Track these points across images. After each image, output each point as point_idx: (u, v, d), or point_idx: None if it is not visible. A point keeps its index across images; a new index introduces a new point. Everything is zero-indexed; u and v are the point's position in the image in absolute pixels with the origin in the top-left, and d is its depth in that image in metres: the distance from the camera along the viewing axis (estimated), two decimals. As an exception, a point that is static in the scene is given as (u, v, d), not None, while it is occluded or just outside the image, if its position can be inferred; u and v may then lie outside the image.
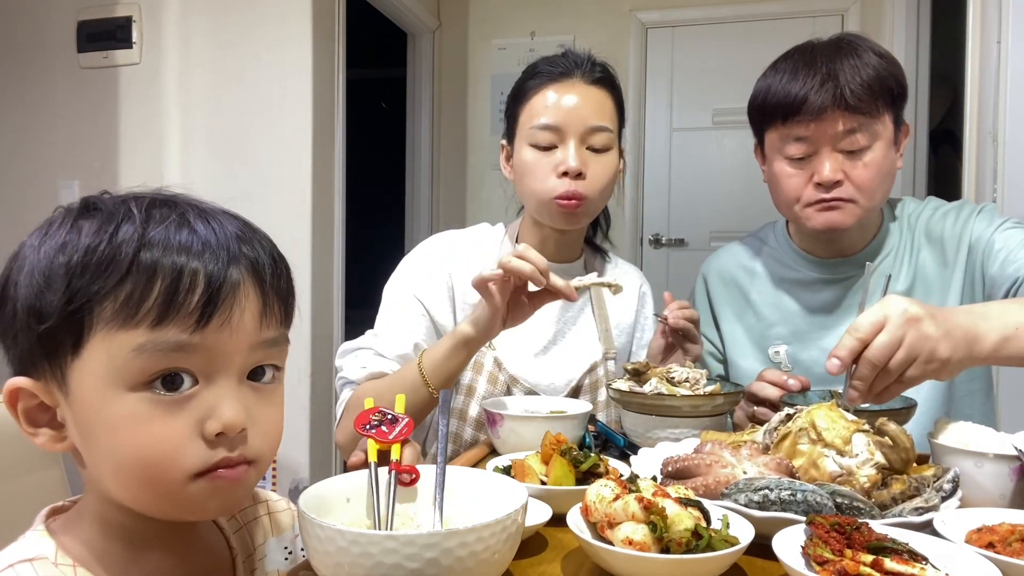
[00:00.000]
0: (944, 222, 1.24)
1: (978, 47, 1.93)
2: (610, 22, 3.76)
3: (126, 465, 0.52)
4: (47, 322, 0.50)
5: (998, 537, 0.66)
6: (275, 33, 2.68)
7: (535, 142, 1.22)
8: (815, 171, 1.16)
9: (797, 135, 1.16)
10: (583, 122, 1.21)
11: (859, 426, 0.81)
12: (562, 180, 1.20)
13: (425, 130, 3.92)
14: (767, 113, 1.20)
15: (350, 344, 1.24)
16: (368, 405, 0.76)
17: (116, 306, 0.50)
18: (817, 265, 1.29)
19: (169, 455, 0.51)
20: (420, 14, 3.69)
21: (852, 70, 1.12)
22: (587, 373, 1.29)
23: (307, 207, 2.67)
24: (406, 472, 0.68)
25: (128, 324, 0.50)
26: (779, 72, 1.18)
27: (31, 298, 0.51)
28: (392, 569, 0.54)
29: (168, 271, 0.50)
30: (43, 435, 0.54)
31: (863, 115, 1.12)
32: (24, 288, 0.52)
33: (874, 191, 1.16)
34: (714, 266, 1.42)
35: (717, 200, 3.70)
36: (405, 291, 1.26)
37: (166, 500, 0.53)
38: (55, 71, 2.86)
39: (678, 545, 0.62)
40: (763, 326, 1.33)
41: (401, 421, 0.71)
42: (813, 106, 1.12)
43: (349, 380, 1.19)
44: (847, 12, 3.54)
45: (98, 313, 0.50)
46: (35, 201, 2.85)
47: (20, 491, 1.02)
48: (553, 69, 1.24)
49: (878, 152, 1.15)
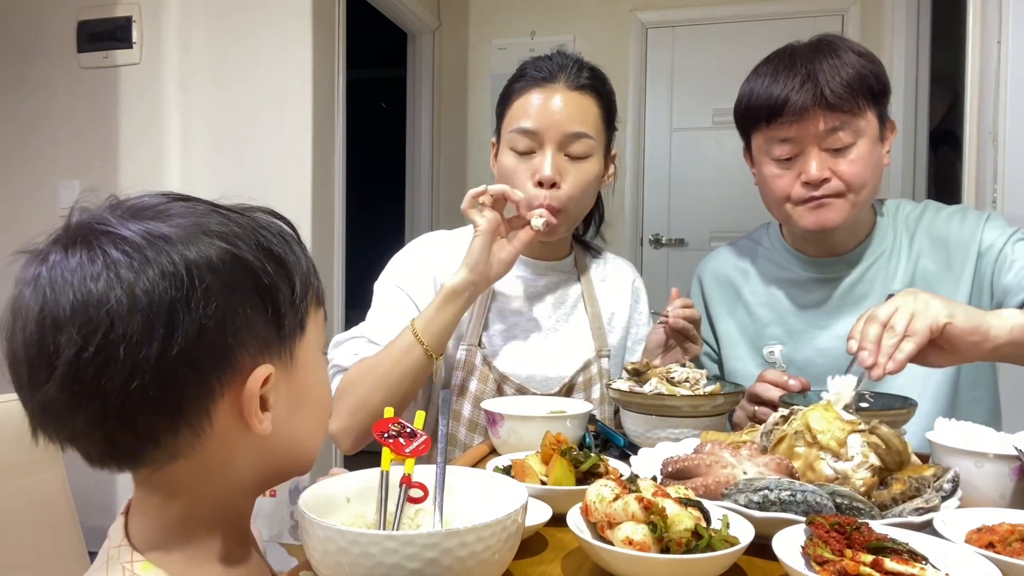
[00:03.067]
0: (949, 225, 1.25)
1: (978, 47, 1.93)
2: (610, 22, 3.76)
3: (328, 409, 0.67)
4: (283, 310, 0.57)
5: (998, 537, 0.66)
6: (275, 33, 2.68)
7: (514, 146, 1.22)
8: (802, 170, 1.17)
9: (782, 136, 1.17)
10: (561, 128, 1.20)
11: (855, 427, 0.81)
12: (537, 191, 1.20)
13: (425, 130, 3.92)
14: (751, 116, 1.21)
15: (342, 336, 1.25)
16: (388, 412, 0.75)
17: (315, 290, 0.62)
18: (809, 264, 1.30)
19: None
20: (420, 14, 3.69)
21: (831, 69, 1.13)
22: (580, 370, 1.29)
23: (307, 207, 2.67)
24: (416, 488, 0.69)
25: (320, 305, 0.64)
26: (760, 76, 1.20)
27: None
28: (392, 569, 0.54)
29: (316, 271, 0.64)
30: (267, 419, 0.56)
31: (845, 113, 1.14)
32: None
33: (862, 185, 1.17)
34: (709, 267, 1.43)
35: (717, 200, 3.70)
36: (394, 285, 1.27)
37: None
38: (55, 71, 2.86)
39: (678, 545, 0.62)
40: (757, 326, 1.33)
41: (419, 437, 0.71)
42: (795, 106, 1.13)
43: (341, 368, 1.19)
44: (847, 12, 3.54)
45: (310, 299, 0.61)
46: (35, 201, 2.85)
47: (20, 491, 1.02)
48: (538, 73, 1.23)
49: (863, 148, 1.16)
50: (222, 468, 0.56)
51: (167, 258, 0.49)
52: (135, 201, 0.54)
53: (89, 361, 0.48)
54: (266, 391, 0.55)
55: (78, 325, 0.48)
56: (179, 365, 0.49)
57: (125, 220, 0.51)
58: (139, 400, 0.49)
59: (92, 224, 0.51)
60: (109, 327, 0.48)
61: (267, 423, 0.56)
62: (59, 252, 0.50)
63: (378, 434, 0.72)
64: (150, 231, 0.50)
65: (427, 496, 0.69)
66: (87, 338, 0.47)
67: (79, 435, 0.51)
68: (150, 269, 0.49)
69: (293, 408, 0.60)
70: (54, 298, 0.49)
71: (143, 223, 0.51)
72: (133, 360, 0.48)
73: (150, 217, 0.52)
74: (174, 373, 0.49)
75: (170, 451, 0.53)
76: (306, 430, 0.62)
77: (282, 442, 0.59)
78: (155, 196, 0.55)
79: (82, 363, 0.48)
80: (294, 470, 0.63)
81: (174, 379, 0.49)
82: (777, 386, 1.13)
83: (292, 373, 0.59)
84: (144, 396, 0.49)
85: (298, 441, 0.61)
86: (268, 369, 0.55)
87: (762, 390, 1.14)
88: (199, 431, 0.52)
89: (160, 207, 0.54)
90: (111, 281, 0.48)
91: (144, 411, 0.49)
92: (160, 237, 0.50)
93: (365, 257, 3.58)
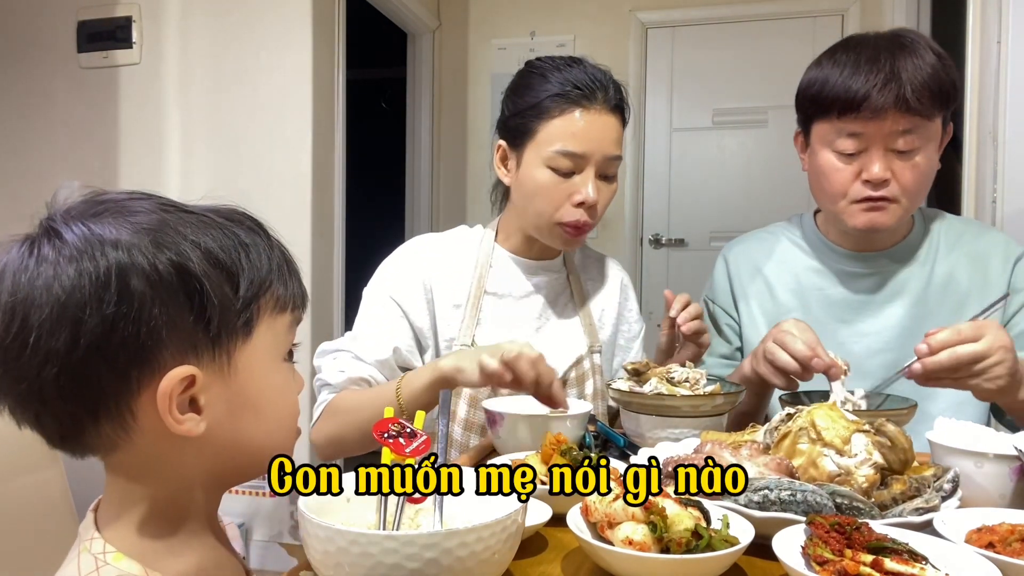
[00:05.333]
0: (991, 251, 1.26)
1: (978, 47, 1.93)
2: (610, 22, 3.76)
3: (288, 417, 0.65)
4: (212, 314, 0.57)
5: (998, 537, 0.66)
6: (275, 33, 2.68)
7: (555, 166, 1.19)
8: (864, 168, 1.15)
9: (851, 131, 1.15)
10: (604, 152, 1.20)
11: (859, 426, 0.81)
12: (577, 210, 1.20)
13: (425, 130, 3.92)
14: (821, 105, 1.17)
15: (329, 345, 1.24)
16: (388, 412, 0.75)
17: (275, 296, 0.61)
18: (844, 257, 1.29)
19: (297, 410, 0.67)
20: (420, 14, 3.69)
21: (914, 70, 1.10)
22: (573, 366, 1.29)
23: (307, 207, 2.67)
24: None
25: (286, 311, 0.63)
26: (838, 64, 1.15)
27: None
28: (392, 569, 0.54)
29: (297, 271, 0.65)
30: (190, 421, 0.57)
31: (920, 117, 1.11)
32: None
33: (917, 193, 1.17)
34: (737, 248, 1.42)
35: (717, 200, 3.70)
36: (383, 293, 1.26)
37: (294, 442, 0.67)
38: (55, 71, 2.86)
39: (678, 545, 0.62)
40: (780, 311, 1.32)
41: (419, 437, 0.71)
42: (874, 105, 1.10)
43: (327, 383, 1.20)
44: (847, 12, 3.54)
45: (265, 304, 0.61)
46: (35, 201, 2.83)
47: (20, 491, 1.02)
48: (578, 91, 1.20)
49: (927, 154, 1.15)
50: (163, 463, 0.59)
51: (91, 259, 0.53)
52: (103, 198, 0.58)
53: (9, 346, 0.53)
54: (195, 392, 0.57)
55: (6, 313, 0.53)
56: (91, 358, 0.53)
57: (73, 220, 0.55)
58: (54, 387, 0.53)
59: (45, 223, 0.57)
60: (25, 317, 0.53)
61: (190, 424, 0.56)
62: (17, 246, 0.56)
63: (378, 434, 0.72)
64: (90, 233, 0.54)
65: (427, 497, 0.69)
66: (8, 325, 0.53)
67: (16, 414, 0.56)
68: (71, 267, 0.53)
69: (235, 412, 0.60)
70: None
71: (88, 224, 0.55)
72: (47, 349, 0.52)
73: (106, 214, 0.56)
74: (87, 365, 0.53)
75: (103, 440, 0.56)
76: (253, 435, 0.62)
77: (224, 444, 0.60)
78: (123, 194, 0.59)
79: (4, 347, 0.53)
80: (249, 472, 0.64)
81: (88, 371, 0.53)
82: (799, 361, 1.05)
83: (231, 377, 0.59)
84: (58, 383, 0.53)
85: (243, 444, 0.61)
86: (188, 370, 0.55)
87: (775, 353, 1.07)
88: (123, 425, 0.56)
89: (122, 203, 0.58)
90: (35, 276, 0.53)
91: (60, 397, 0.54)
92: (97, 239, 0.54)
93: (365, 257, 3.58)
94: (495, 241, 1.33)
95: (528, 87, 1.24)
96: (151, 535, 0.59)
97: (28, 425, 0.57)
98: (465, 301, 1.27)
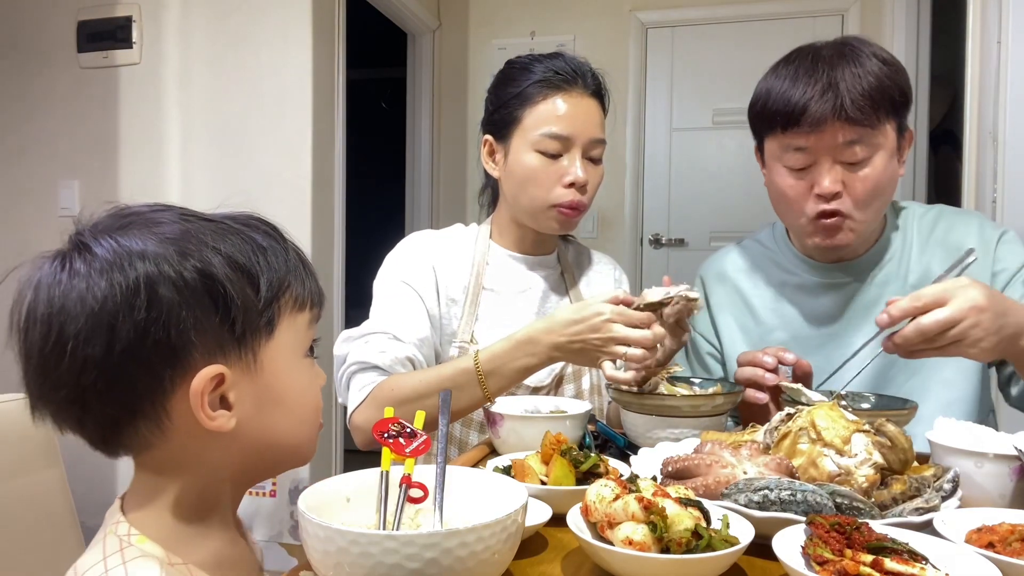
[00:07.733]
0: (965, 236, 1.23)
1: (978, 47, 1.93)
2: (610, 22, 3.76)
3: (312, 411, 0.68)
4: (237, 315, 0.60)
5: (998, 537, 0.66)
6: (275, 33, 2.68)
7: (543, 149, 1.24)
8: (815, 182, 1.14)
9: (797, 145, 1.14)
10: (588, 135, 1.25)
11: (859, 426, 0.81)
12: (568, 190, 1.24)
13: (425, 130, 3.92)
14: (766, 120, 1.18)
15: (354, 331, 1.22)
16: (388, 412, 0.75)
17: (294, 295, 0.65)
18: (817, 270, 1.27)
19: (320, 404, 0.69)
20: (420, 14, 3.69)
21: (853, 79, 1.09)
22: None
23: (307, 207, 2.67)
24: (416, 488, 0.69)
25: (305, 309, 0.66)
26: (779, 77, 1.15)
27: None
28: (392, 569, 0.54)
29: (313, 271, 0.69)
30: (221, 417, 0.60)
31: (864, 126, 1.09)
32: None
33: (870, 205, 1.15)
34: (713, 269, 1.40)
35: (717, 200, 3.70)
36: (396, 280, 1.27)
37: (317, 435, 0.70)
38: (55, 71, 2.86)
39: (678, 545, 0.62)
40: (762, 330, 1.31)
41: (419, 437, 0.72)
42: (813, 117, 1.09)
43: (369, 364, 1.16)
44: (847, 12, 3.54)
45: (285, 303, 0.64)
46: (35, 201, 2.85)
47: (20, 491, 1.02)
48: (559, 76, 1.24)
49: (877, 164, 1.13)
50: (194, 459, 0.62)
51: (120, 271, 0.56)
52: (128, 212, 0.62)
53: (47, 356, 0.56)
54: (225, 390, 0.60)
55: (43, 325, 0.57)
56: (126, 362, 0.56)
57: (102, 234, 0.59)
58: (93, 391, 0.57)
59: (75, 238, 0.60)
60: (61, 328, 0.56)
61: (222, 419, 0.60)
62: (49, 261, 0.59)
63: (378, 434, 0.72)
64: (118, 246, 0.58)
65: (427, 496, 0.70)
66: (45, 336, 0.56)
67: (58, 419, 0.60)
68: (102, 279, 0.56)
69: (263, 407, 0.63)
70: (34, 302, 0.58)
71: (116, 237, 0.58)
72: (84, 356, 0.56)
73: (132, 227, 0.59)
74: (123, 369, 0.56)
75: (140, 440, 0.60)
76: (279, 428, 0.65)
77: (253, 439, 0.63)
78: (146, 207, 0.63)
79: (44, 357, 0.57)
80: (280, 466, 0.68)
81: (124, 374, 0.57)
82: (753, 365, 1.09)
83: (257, 374, 0.62)
84: (96, 388, 0.56)
85: (270, 438, 0.65)
86: (217, 369, 0.59)
87: (738, 375, 1.11)
88: (159, 424, 0.59)
89: (146, 216, 0.61)
90: (68, 289, 0.57)
91: (99, 401, 0.57)
92: (125, 251, 0.57)
93: (365, 256, 3.58)
94: (490, 239, 1.35)
95: (511, 80, 1.29)
96: (176, 523, 0.62)
97: (71, 430, 0.60)
98: (463, 297, 1.29)
